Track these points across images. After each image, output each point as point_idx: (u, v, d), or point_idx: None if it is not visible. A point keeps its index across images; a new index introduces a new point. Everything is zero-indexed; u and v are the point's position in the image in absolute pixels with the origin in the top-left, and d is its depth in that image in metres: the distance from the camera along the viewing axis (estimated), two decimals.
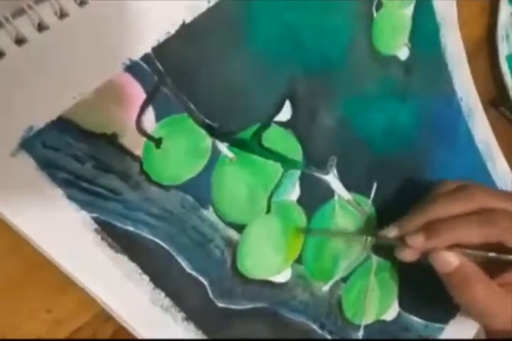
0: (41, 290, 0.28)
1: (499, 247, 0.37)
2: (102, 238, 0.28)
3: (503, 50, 0.50)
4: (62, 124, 0.26)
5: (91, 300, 0.28)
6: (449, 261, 0.37)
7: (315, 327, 0.39)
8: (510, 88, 0.51)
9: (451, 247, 0.37)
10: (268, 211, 0.35)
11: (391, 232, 0.38)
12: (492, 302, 0.37)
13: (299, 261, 0.37)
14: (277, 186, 0.35)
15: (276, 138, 0.34)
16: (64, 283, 0.27)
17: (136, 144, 0.28)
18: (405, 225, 0.38)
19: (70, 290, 0.28)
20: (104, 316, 0.30)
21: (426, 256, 0.38)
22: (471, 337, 0.49)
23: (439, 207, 0.38)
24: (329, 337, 0.40)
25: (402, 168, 0.43)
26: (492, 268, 0.38)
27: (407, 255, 0.38)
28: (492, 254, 0.36)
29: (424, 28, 0.42)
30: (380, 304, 0.43)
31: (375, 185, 0.41)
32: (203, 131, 0.31)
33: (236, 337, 0.35)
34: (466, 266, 0.37)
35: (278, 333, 0.37)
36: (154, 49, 0.28)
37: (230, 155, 0.32)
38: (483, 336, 0.49)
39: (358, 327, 0.42)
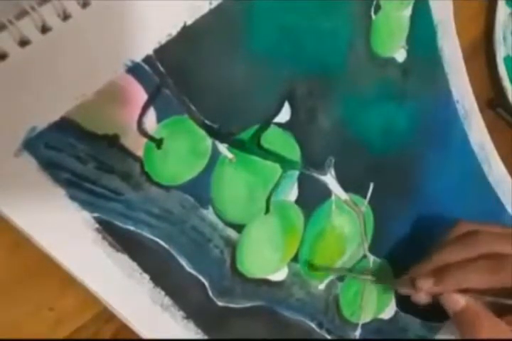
0: (43, 289, 0.28)
1: (506, 290, 0.38)
2: (103, 237, 0.28)
3: (500, 51, 0.50)
4: (65, 125, 0.26)
5: (93, 299, 0.28)
6: (457, 301, 0.38)
7: (313, 325, 0.39)
8: (507, 89, 0.52)
9: (461, 291, 0.38)
10: (267, 211, 0.35)
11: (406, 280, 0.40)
12: None
13: (295, 259, 0.38)
14: (276, 186, 0.35)
15: (275, 139, 0.35)
16: (66, 282, 0.28)
17: (137, 145, 0.29)
18: (416, 271, 0.40)
19: (72, 288, 0.28)
20: (106, 315, 0.30)
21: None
22: None
23: (446, 253, 0.40)
24: (327, 336, 0.40)
25: (399, 169, 0.43)
26: (502, 307, 0.39)
27: (421, 298, 0.40)
28: (490, 299, 0.38)
29: (421, 29, 0.43)
30: (377, 303, 0.44)
31: (371, 186, 0.41)
32: (203, 132, 0.31)
33: (235, 335, 0.35)
34: (472, 307, 0.38)
35: (276, 331, 0.37)
36: (156, 51, 0.28)
37: (230, 155, 0.33)
38: None
39: (355, 326, 0.42)
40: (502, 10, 0.50)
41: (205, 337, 0.34)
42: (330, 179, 0.38)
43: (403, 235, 0.45)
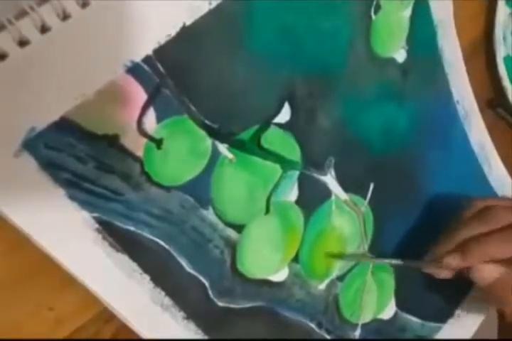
0: (43, 289, 0.28)
1: None
2: (103, 237, 0.28)
3: (500, 51, 0.50)
4: (64, 125, 0.26)
5: (93, 299, 0.28)
6: (490, 272, 0.39)
7: (313, 325, 0.39)
8: (507, 89, 0.51)
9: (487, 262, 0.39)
10: (267, 211, 0.35)
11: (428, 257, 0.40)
12: None
13: (295, 260, 0.38)
14: (276, 187, 0.35)
15: (275, 139, 0.35)
16: (66, 282, 0.28)
17: (137, 145, 0.29)
18: (440, 249, 0.40)
19: (72, 288, 0.28)
20: (106, 315, 0.30)
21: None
22: (469, 336, 0.49)
23: (467, 230, 0.40)
24: (327, 336, 0.40)
25: (399, 170, 0.43)
26: None
27: (446, 275, 0.40)
28: None
29: (421, 30, 0.43)
30: (377, 303, 0.44)
31: (371, 186, 0.41)
32: (203, 132, 0.31)
33: (235, 335, 0.35)
34: (506, 275, 0.39)
35: (277, 332, 0.37)
36: (155, 51, 0.28)
37: (230, 156, 0.33)
38: (482, 336, 0.49)
39: (355, 326, 0.42)
40: (502, 10, 0.50)
41: (205, 338, 0.34)
42: (330, 179, 0.38)
43: (403, 235, 0.45)
